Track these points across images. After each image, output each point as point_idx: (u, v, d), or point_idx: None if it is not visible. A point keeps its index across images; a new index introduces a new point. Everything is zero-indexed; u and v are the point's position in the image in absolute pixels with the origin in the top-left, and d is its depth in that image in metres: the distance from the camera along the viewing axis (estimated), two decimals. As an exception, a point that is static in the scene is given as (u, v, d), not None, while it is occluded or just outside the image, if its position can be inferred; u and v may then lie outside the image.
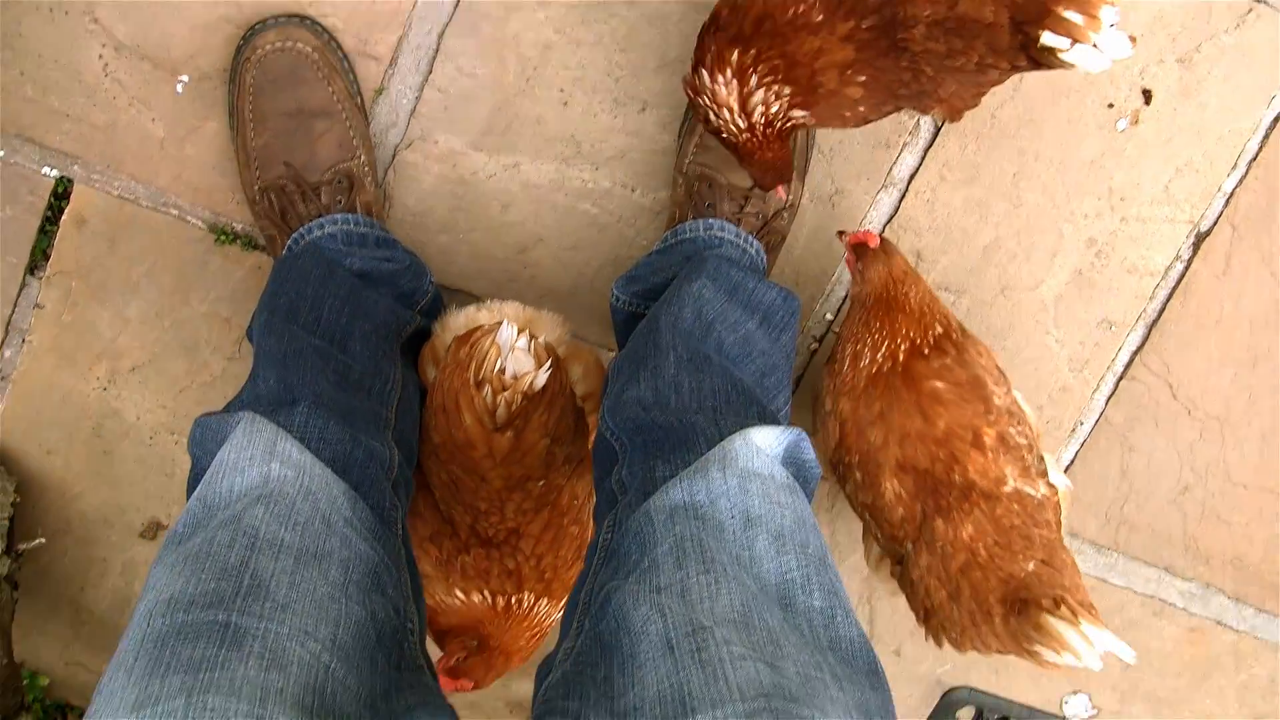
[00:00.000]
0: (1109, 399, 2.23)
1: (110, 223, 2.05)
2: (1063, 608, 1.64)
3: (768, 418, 1.64)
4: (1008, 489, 1.75)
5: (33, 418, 2.18)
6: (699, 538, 1.37)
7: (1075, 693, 2.51)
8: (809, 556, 1.37)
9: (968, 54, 1.49)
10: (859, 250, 1.85)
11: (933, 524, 1.76)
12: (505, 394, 1.72)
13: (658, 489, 1.48)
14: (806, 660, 1.23)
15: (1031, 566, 1.72)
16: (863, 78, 1.59)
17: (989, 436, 1.76)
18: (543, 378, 1.73)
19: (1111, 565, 2.37)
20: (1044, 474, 1.79)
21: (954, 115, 1.69)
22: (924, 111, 1.71)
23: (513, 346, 1.73)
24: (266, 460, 1.44)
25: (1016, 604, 1.70)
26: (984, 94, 1.66)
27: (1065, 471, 2.26)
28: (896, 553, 1.85)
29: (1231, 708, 2.55)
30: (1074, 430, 2.25)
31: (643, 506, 1.46)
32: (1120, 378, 2.22)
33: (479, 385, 1.73)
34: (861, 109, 1.65)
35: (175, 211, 2.04)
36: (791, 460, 1.56)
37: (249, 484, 1.42)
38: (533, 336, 1.76)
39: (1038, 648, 1.68)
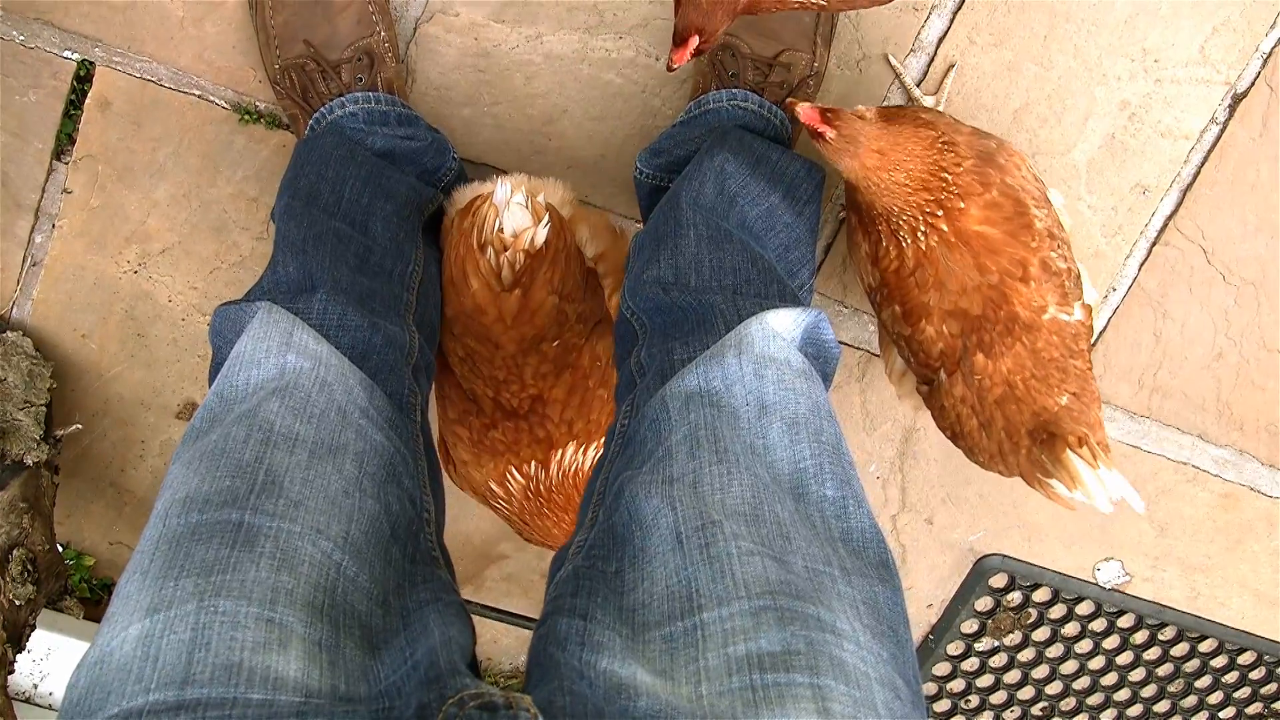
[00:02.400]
0: (1142, 265, 2.21)
1: (134, 105, 2.04)
2: (1084, 447, 1.62)
3: (788, 296, 1.63)
4: (1047, 318, 1.70)
5: (66, 302, 2.19)
6: (713, 426, 1.36)
7: (1108, 559, 2.52)
8: (823, 445, 1.36)
9: None
10: (815, 134, 1.67)
11: (973, 358, 1.72)
12: (507, 254, 1.73)
13: (675, 372, 1.48)
14: (816, 554, 1.23)
15: (1065, 400, 1.70)
16: None
17: (1034, 265, 1.70)
18: (542, 233, 1.73)
19: (1144, 432, 2.37)
20: (1079, 297, 1.75)
21: None
22: None
23: (508, 203, 1.74)
24: (283, 352, 1.44)
25: (1044, 435, 1.68)
26: None
27: (1096, 340, 2.24)
28: (927, 376, 1.83)
29: (1265, 573, 2.56)
30: (1106, 296, 2.23)
31: (659, 392, 1.46)
32: (1154, 243, 2.20)
33: (482, 248, 1.74)
34: None
35: (198, 92, 2.03)
36: (811, 342, 1.55)
37: (265, 376, 1.42)
38: (530, 195, 1.76)
39: (1052, 481, 1.67)
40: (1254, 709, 2.86)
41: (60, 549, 2.25)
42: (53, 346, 2.24)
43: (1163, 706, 2.84)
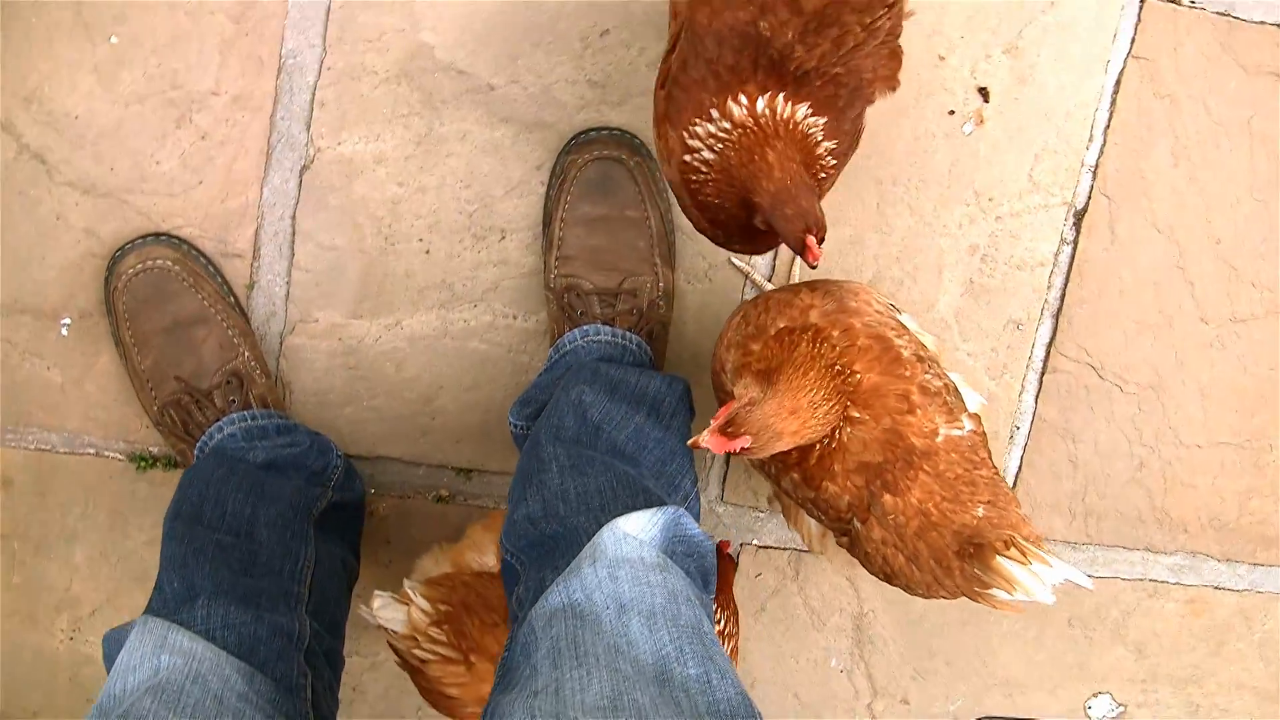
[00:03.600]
0: (1038, 396, 2.21)
1: (35, 476, 2.08)
2: (1012, 549, 1.60)
3: (655, 504, 1.65)
4: (940, 439, 1.68)
5: (10, 684, 2.20)
6: (574, 635, 1.40)
7: (1096, 694, 2.45)
8: (681, 628, 1.40)
9: (847, 31, 1.54)
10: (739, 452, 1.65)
11: (880, 500, 1.69)
12: (419, 643, 1.85)
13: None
14: None
15: (981, 512, 1.67)
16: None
17: (914, 394, 1.68)
18: (422, 601, 1.86)
19: (1091, 559, 2.33)
20: (964, 408, 1.74)
21: (893, 84, 1.70)
22: (870, 101, 1.69)
23: (375, 615, 1.88)
24: (157, 654, 1.52)
25: (971, 549, 1.65)
26: (899, 51, 1.68)
27: (1015, 481, 2.23)
28: (842, 528, 1.79)
29: (1256, 668, 2.48)
30: (1012, 436, 2.23)
31: (527, 617, 1.49)
32: (1042, 373, 2.21)
33: (421, 661, 1.85)
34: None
35: (92, 450, 2.08)
36: (679, 539, 1.58)
37: (140, 679, 1.49)
38: (393, 591, 1.91)
39: (991, 590, 1.63)
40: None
41: None
42: (7, 730, 2.24)
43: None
